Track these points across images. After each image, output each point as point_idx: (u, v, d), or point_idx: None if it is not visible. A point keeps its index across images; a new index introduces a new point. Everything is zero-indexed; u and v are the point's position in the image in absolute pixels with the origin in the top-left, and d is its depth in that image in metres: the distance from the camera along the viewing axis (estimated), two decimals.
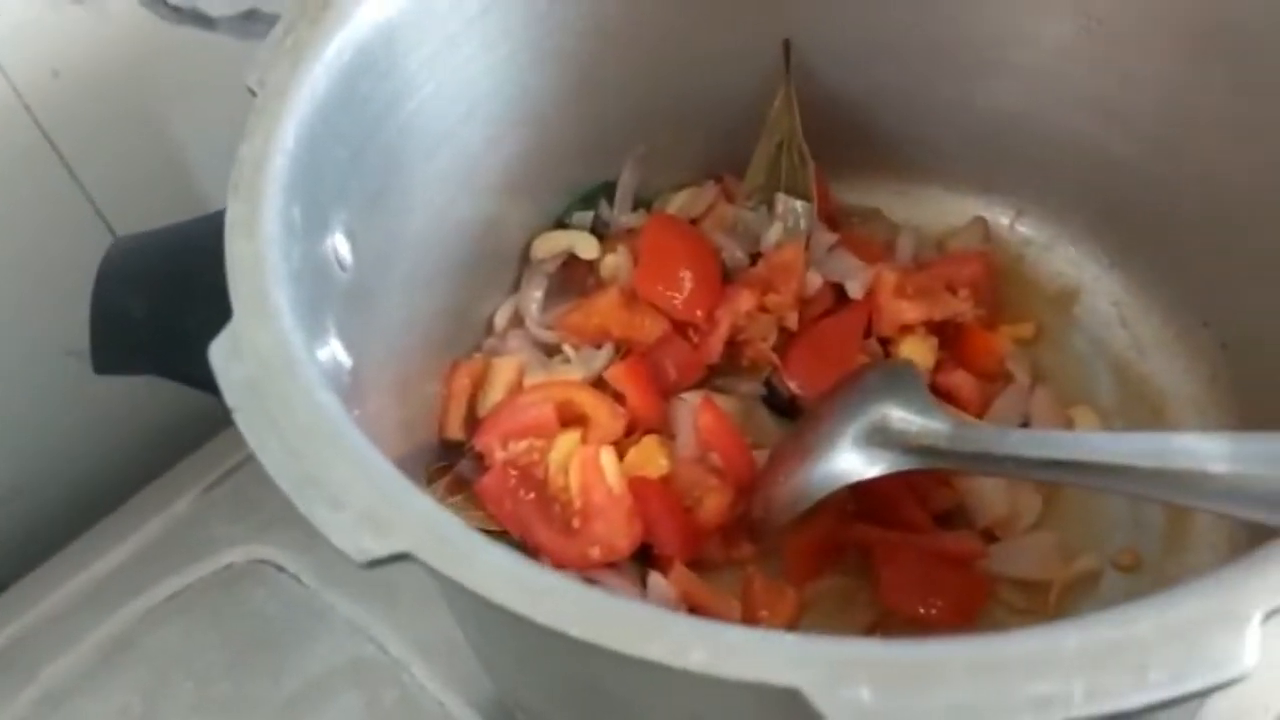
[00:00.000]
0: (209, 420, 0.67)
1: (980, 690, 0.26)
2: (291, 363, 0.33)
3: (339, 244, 0.42)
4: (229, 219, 0.36)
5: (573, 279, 0.60)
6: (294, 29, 0.41)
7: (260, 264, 0.35)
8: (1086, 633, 0.26)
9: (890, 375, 0.49)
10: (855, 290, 0.56)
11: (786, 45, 0.57)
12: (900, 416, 0.45)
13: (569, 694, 0.40)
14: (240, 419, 0.31)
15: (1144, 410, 0.56)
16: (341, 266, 0.42)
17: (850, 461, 0.46)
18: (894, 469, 0.45)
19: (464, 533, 0.29)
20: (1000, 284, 0.60)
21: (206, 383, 0.33)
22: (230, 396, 0.32)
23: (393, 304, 0.48)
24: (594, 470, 0.50)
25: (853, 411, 0.47)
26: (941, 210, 0.63)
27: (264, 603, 0.57)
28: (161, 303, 0.41)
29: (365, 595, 0.56)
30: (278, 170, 0.38)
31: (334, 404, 0.32)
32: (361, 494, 0.30)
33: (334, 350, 0.39)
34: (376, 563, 0.29)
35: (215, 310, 0.34)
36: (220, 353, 0.33)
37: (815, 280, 0.56)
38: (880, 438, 0.45)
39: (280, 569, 0.58)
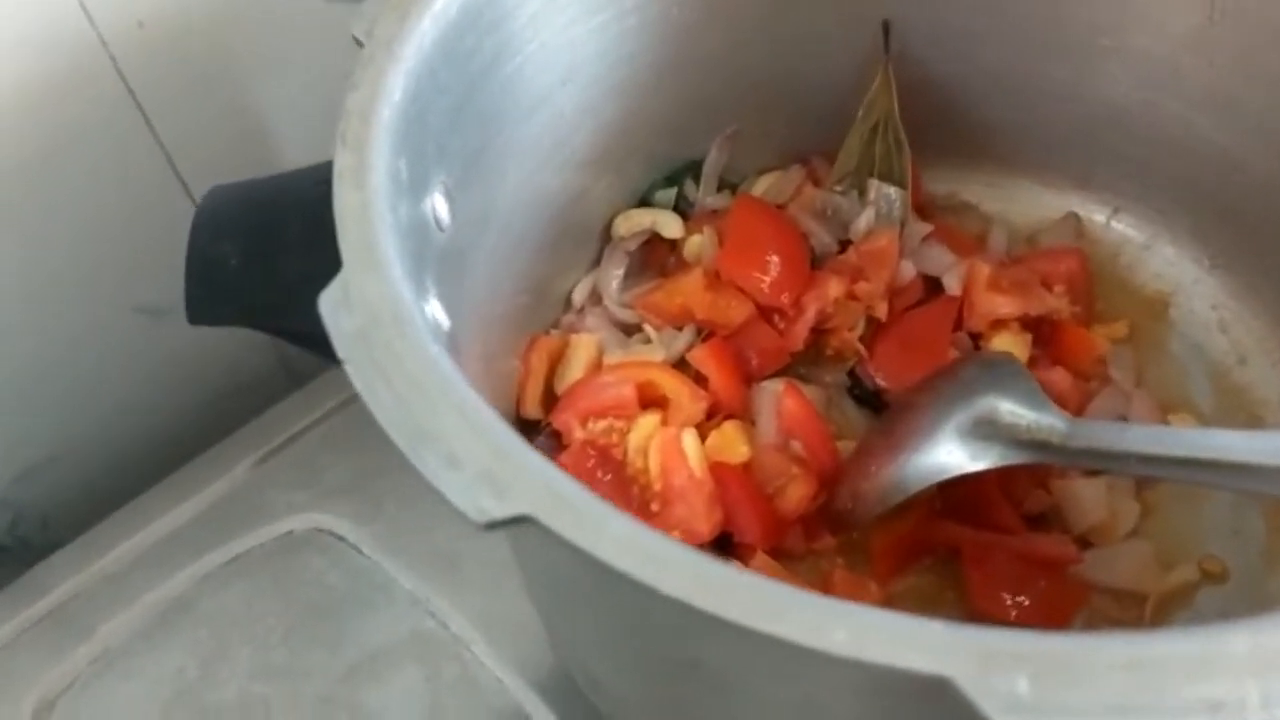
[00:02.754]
0: (272, 385, 0.66)
1: (1145, 688, 0.24)
2: (401, 314, 0.32)
3: (438, 203, 0.40)
4: (337, 168, 0.35)
5: (653, 258, 0.58)
6: None
7: (369, 215, 0.34)
8: (1257, 637, 0.25)
9: (991, 368, 0.47)
10: (953, 285, 0.55)
11: (886, 26, 0.56)
12: (1010, 409, 0.44)
13: (658, 670, 0.38)
14: (352, 370, 0.30)
15: (1243, 420, 0.55)
16: (440, 227, 0.41)
17: (952, 454, 0.44)
18: (1001, 463, 0.44)
19: (586, 497, 0.28)
20: (1093, 283, 0.58)
21: (301, 336, 0.32)
22: (341, 347, 0.31)
23: (481, 273, 0.47)
24: (675, 453, 0.49)
25: (954, 403, 0.45)
26: (1034, 204, 0.61)
27: (324, 572, 0.56)
28: (256, 253, 0.40)
29: (427, 568, 0.55)
30: (385, 122, 0.37)
31: (445, 358, 0.31)
32: (478, 451, 0.29)
33: (434, 310, 0.37)
34: (495, 524, 0.27)
35: (311, 263, 0.33)
36: (330, 302, 0.32)
37: (908, 270, 0.55)
38: (986, 430, 0.44)
39: (340, 539, 0.57)
